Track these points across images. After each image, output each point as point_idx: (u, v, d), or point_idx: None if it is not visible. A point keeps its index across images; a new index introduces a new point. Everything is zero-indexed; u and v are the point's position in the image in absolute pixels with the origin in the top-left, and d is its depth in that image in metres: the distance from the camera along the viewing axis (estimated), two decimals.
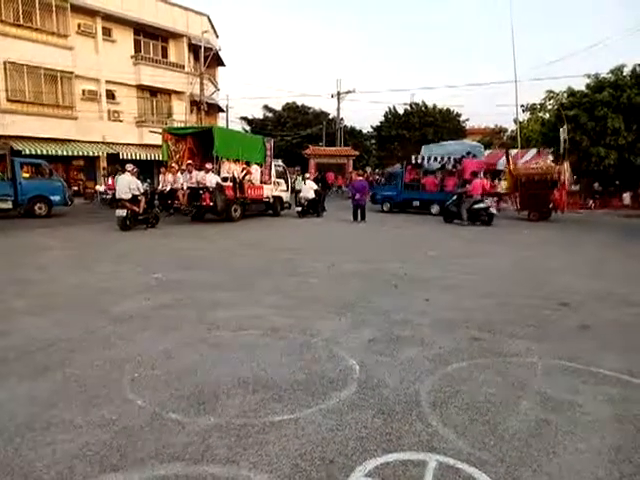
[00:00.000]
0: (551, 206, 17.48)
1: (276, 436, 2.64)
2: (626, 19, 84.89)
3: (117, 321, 4.69)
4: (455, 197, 16.30)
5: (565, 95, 26.09)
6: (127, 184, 12.63)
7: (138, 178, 13.67)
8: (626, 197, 23.09)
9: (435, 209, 19.07)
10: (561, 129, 23.33)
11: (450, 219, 16.24)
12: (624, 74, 24.26)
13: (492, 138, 47.08)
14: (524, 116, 34.89)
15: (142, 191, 13.19)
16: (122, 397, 3.08)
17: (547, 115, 28.90)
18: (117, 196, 12.83)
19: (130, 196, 12.59)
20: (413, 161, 21.30)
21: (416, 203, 20.07)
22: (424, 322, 4.76)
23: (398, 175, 21.32)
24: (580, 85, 25.61)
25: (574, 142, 24.16)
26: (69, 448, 2.50)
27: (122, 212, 12.44)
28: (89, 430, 2.68)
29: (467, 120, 44.85)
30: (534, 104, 29.47)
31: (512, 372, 3.55)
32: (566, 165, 17.90)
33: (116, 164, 24.44)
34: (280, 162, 21.23)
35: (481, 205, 15.60)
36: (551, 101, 27.59)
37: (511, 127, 43.54)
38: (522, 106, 30.23)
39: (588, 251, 10.49)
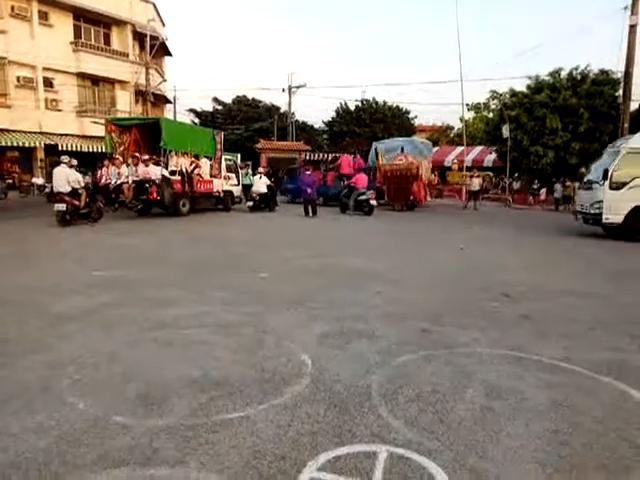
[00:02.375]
0: (412, 198, 19.32)
1: (227, 435, 2.59)
2: (567, 24, 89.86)
3: (57, 321, 4.45)
4: (347, 190, 17.95)
5: (507, 95, 27.26)
6: (65, 177, 11.96)
7: (79, 171, 13.02)
8: (542, 193, 25.07)
9: (320, 200, 20.39)
10: (503, 127, 24.39)
11: (344, 210, 17.73)
12: (561, 77, 25.63)
13: (440, 135, 48.42)
14: (469, 115, 36.20)
15: (82, 184, 12.56)
16: (62, 401, 2.92)
17: (491, 114, 30.10)
18: (55, 190, 12.14)
19: (69, 189, 11.94)
20: (307, 157, 23.31)
21: None
22: (375, 315, 4.83)
23: (296, 170, 22.98)
24: (522, 86, 26.85)
25: (515, 141, 25.33)
26: (2, 457, 2.34)
27: (61, 206, 11.79)
28: (25, 437, 2.52)
29: (416, 117, 45.85)
30: (478, 103, 30.61)
31: (459, 362, 3.66)
32: (425, 162, 20.00)
33: (55, 156, 23.19)
34: (239, 157, 21.20)
35: (363, 197, 17.12)
36: (494, 101, 28.76)
37: (458, 125, 45.02)
38: (467, 105, 31.29)
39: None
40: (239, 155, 30.11)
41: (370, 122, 40.77)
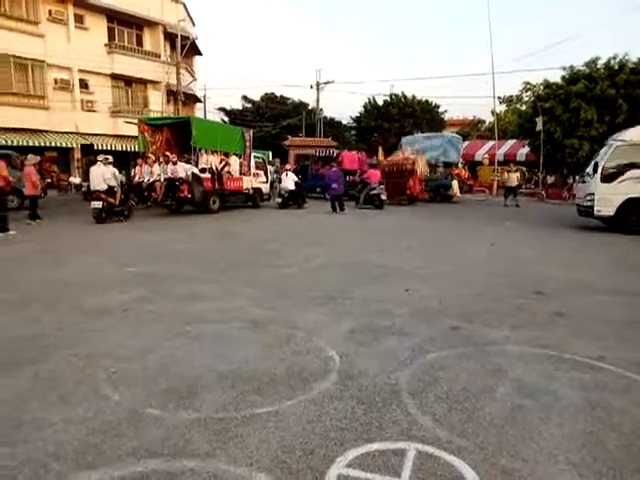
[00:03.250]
0: (408, 192, 19.56)
1: (256, 429, 2.62)
2: (606, 10, 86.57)
3: (92, 316, 4.59)
4: (360, 185, 18.50)
5: (541, 87, 26.46)
6: (101, 175, 12.34)
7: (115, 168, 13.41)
8: (574, 186, 24.24)
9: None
10: (537, 120, 23.71)
11: (358, 203, 18.17)
12: (598, 67, 24.70)
13: (471, 129, 47.51)
14: (501, 108, 35.34)
15: (119, 180, 12.93)
16: (98, 393, 3.02)
17: (524, 107, 29.27)
18: (92, 188, 12.54)
19: (105, 187, 12.32)
20: (317, 154, 24.02)
21: (318, 189, 22.02)
22: (404, 312, 4.79)
23: (307, 167, 23.90)
24: (556, 77, 26.02)
25: (549, 133, 24.60)
26: (43, 446, 2.44)
27: (97, 204, 12.17)
28: (64, 428, 2.62)
29: (446, 111, 45.11)
30: (511, 96, 29.82)
31: (490, 360, 3.60)
32: (420, 157, 20.16)
33: (90, 155, 23.89)
34: (270, 154, 21.56)
35: (375, 192, 17.68)
36: (528, 93, 27.95)
37: (489, 118, 44.03)
38: (499, 98, 30.53)
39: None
40: (270, 153, 30.32)
41: (399, 117, 40.33)
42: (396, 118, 40.27)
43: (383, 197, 17.72)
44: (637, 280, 6.51)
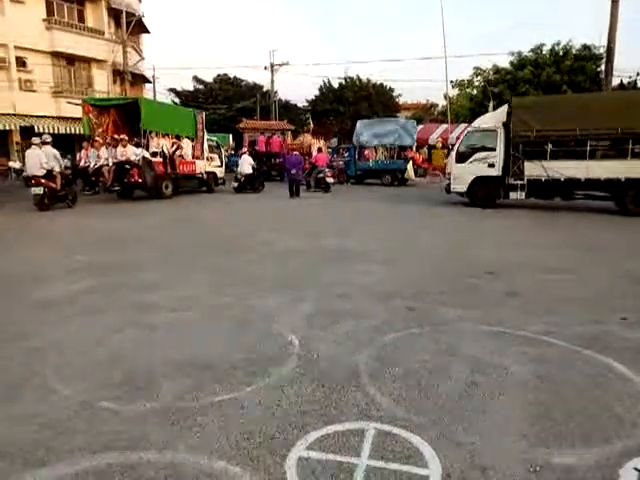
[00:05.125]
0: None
1: (215, 417, 2.59)
2: None
3: (39, 308, 4.38)
4: (310, 169, 19.34)
5: (491, 72, 27.14)
6: (37, 159, 11.62)
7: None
8: None
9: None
10: (488, 104, 24.34)
11: (309, 187, 18.85)
12: (543, 52, 25.57)
13: (424, 113, 48.21)
14: (454, 92, 36.03)
15: (61, 163, 12.25)
16: (47, 388, 2.88)
17: (475, 91, 29.97)
18: (29, 173, 11.80)
19: (44, 172, 11.60)
20: (248, 139, 25.98)
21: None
22: (361, 295, 4.84)
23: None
24: (505, 62, 26.74)
25: None
26: None
27: (38, 190, 11.50)
28: (9, 425, 2.49)
29: (400, 95, 45.51)
30: (462, 80, 30.43)
31: (444, 339, 3.71)
32: (319, 141, 22.26)
33: (31, 138, 22.55)
34: (230, 138, 21.65)
35: (321, 175, 18.51)
36: (478, 77, 28.61)
37: (442, 102, 44.80)
38: (452, 82, 31.08)
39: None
40: (230, 136, 29.72)
41: (354, 100, 40.34)
42: (351, 101, 40.26)
43: (330, 180, 18.37)
44: (579, 257, 6.86)
